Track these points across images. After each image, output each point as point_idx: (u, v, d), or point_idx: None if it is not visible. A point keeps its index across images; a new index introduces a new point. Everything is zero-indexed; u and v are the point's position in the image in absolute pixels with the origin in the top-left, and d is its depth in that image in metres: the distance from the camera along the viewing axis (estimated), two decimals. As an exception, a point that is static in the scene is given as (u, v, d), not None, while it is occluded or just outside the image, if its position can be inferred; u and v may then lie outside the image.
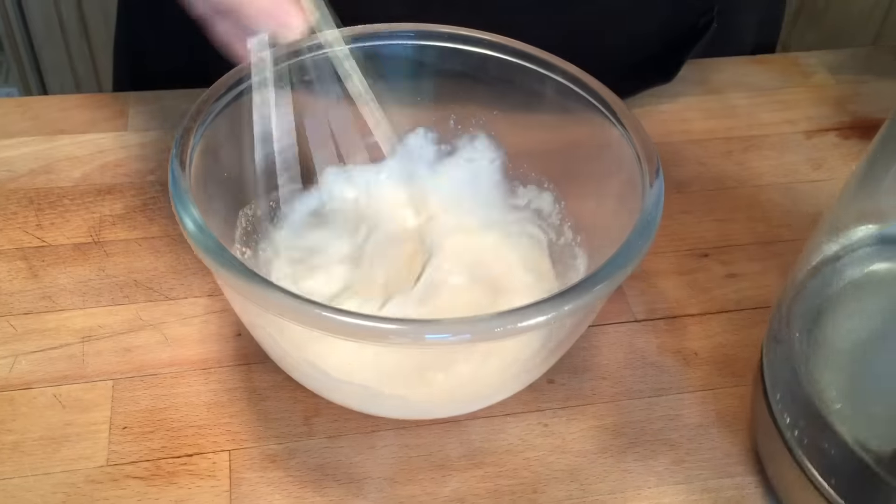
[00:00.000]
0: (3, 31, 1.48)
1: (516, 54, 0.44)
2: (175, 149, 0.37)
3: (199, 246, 0.34)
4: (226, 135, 0.41)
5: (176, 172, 0.36)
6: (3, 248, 0.48)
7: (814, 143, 0.59)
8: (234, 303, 0.38)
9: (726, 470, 0.41)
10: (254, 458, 0.40)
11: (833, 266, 0.38)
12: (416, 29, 0.44)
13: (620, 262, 0.36)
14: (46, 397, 0.42)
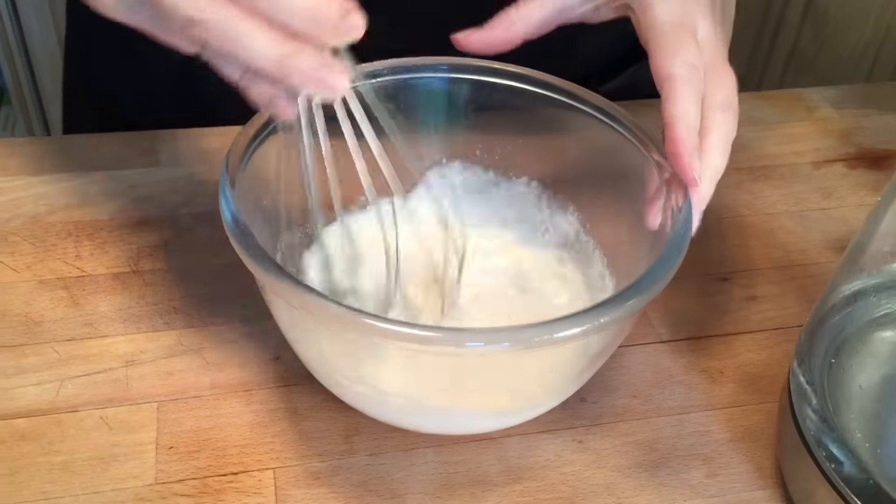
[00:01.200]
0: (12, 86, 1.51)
1: (543, 86, 0.46)
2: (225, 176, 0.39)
3: (258, 265, 0.35)
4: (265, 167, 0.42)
5: (229, 198, 0.38)
6: (44, 278, 0.49)
7: (822, 174, 0.61)
8: (285, 320, 0.40)
9: (758, 483, 0.42)
10: (298, 476, 0.41)
11: (854, 304, 0.40)
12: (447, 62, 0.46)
13: (653, 277, 0.37)
14: (93, 419, 0.43)
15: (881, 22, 1.62)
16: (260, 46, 0.34)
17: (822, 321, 0.40)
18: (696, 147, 0.39)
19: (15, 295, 0.48)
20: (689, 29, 0.41)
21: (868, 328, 0.39)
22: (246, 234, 0.37)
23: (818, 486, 0.38)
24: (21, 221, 0.52)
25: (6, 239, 0.51)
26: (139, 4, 0.36)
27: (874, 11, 1.61)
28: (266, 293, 0.39)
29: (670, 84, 0.39)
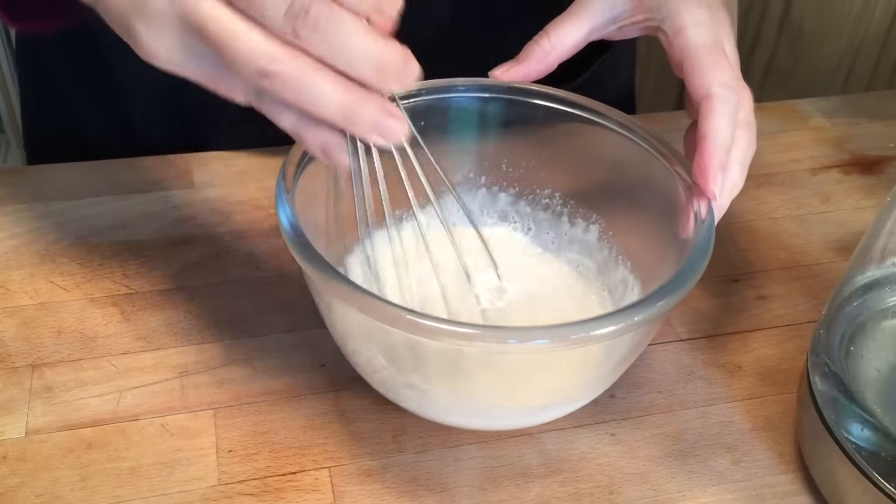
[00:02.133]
0: (4, 110, 1.52)
1: (565, 103, 0.49)
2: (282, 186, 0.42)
3: (322, 273, 0.38)
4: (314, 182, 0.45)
5: (287, 207, 0.41)
6: (95, 297, 0.51)
7: (819, 179, 0.64)
8: (342, 326, 0.42)
9: (780, 467, 0.45)
10: (352, 474, 0.44)
11: (866, 295, 0.43)
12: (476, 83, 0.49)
13: (682, 280, 0.40)
14: (154, 427, 0.45)
15: (854, 36, 1.68)
16: (328, 94, 0.34)
17: (837, 311, 0.43)
18: (724, 164, 0.42)
19: (68, 313, 0.50)
20: (721, 50, 0.44)
21: (881, 316, 0.43)
22: (306, 242, 0.39)
23: (840, 467, 0.41)
24: (67, 243, 0.54)
25: (54, 260, 0.53)
26: (200, 56, 0.36)
27: (847, 26, 1.66)
28: (322, 298, 0.42)
29: (709, 102, 0.43)
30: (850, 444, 0.41)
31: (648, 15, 0.47)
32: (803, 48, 1.70)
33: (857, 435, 0.40)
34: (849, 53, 1.70)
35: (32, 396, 0.46)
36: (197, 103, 0.61)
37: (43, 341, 0.49)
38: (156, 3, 0.35)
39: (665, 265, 0.45)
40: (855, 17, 1.64)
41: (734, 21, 0.51)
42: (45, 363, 0.47)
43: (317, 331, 0.50)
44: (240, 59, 0.34)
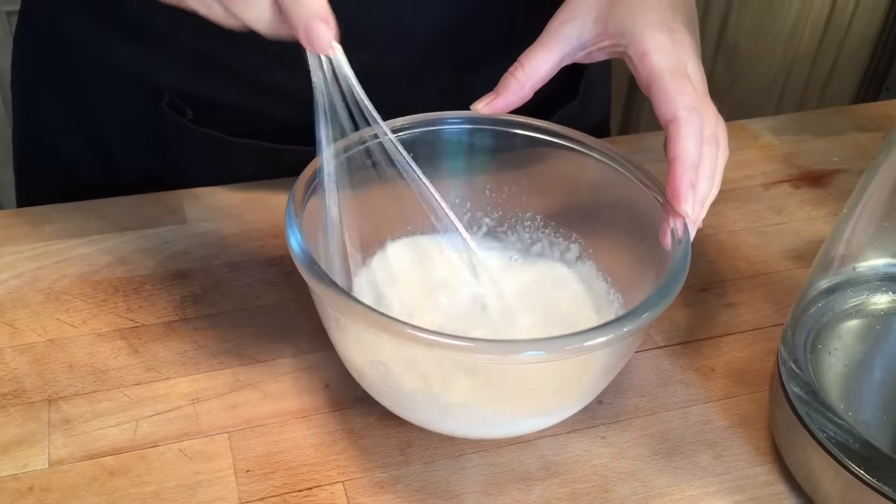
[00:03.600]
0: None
1: (543, 131, 0.53)
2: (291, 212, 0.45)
3: (337, 296, 0.41)
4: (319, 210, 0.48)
5: (297, 232, 0.44)
6: (102, 332, 0.53)
7: (772, 194, 0.69)
8: (353, 344, 0.45)
9: (757, 459, 0.49)
10: (365, 486, 0.46)
11: (827, 298, 0.48)
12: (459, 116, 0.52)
13: (664, 293, 0.44)
14: (173, 452, 0.47)
15: (787, 53, 1.76)
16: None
17: (802, 313, 0.47)
18: (693, 182, 0.46)
19: (78, 348, 0.52)
20: (684, 72, 0.48)
21: (843, 317, 0.47)
22: (316, 265, 0.42)
23: (813, 455, 0.45)
24: (70, 281, 0.56)
25: (59, 298, 0.55)
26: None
27: (780, 44, 1.75)
28: (331, 320, 0.45)
29: (675, 126, 0.47)
30: (821, 435, 0.45)
31: (613, 41, 0.51)
32: (739, 67, 1.77)
33: (828, 427, 0.44)
34: (782, 71, 1.79)
35: (52, 429, 0.48)
36: (172, 122, 0.64)
37: (56, 376, 0.50)
38: None
39: (644, 278, 0.49)
40: (787, 36, 1.73)
41: (696, 38, 0.55)
42: (60, 397, 0.49)
43: (318, 354, 0.53)
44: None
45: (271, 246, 0.60)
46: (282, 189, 0.65)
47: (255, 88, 0.63)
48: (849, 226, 0.45)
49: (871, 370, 0.47)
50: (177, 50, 0.62)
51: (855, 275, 0.47)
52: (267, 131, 0.65)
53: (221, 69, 0.62)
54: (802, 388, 0.46)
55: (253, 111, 0.64)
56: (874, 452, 0.43)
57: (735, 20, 1.70)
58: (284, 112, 0.64)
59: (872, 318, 0.48)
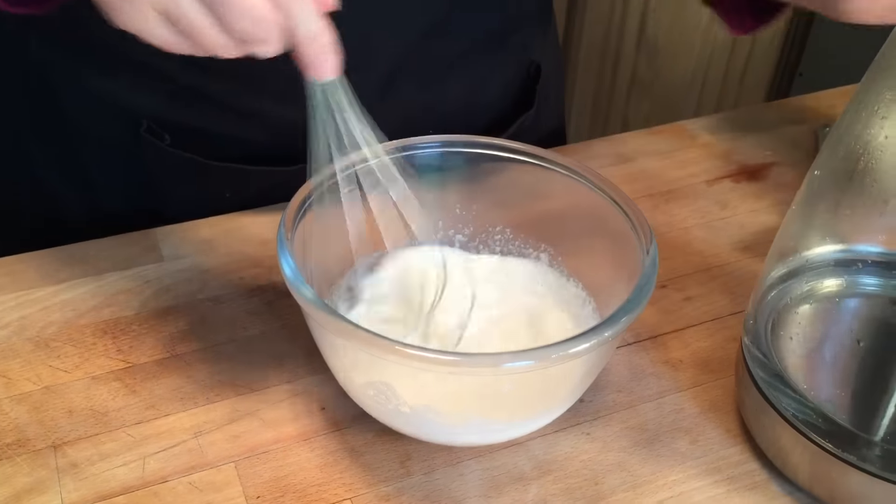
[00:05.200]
0: None
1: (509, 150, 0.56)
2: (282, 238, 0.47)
3: (330, 316, 0.43)
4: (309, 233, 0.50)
5: (288, 257, 0.46)
6: (96, 375, 0.55)
7: (715, 190, 0.74)
8: (349, 368, 0.47)
9: (729, 441, 0.53)
10: (372, 501, 0.49)
11: (783, 284, 0.52)
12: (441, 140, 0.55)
13: (637, 300, 0.47)
14: (183, 486, 0.49)
15: (705, 48, 1.83)
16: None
17: (761, 301, 0.51)
18: None
19: (74, 393, 0.53)
20: None
21: (798, 302, 0.51)
22: (308, 288, 0.45)
23: (782, 433, 0.49)
24: (56, 328, 0.57)
25: (48, 345, 0.56)
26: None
27: (698, 39, 1.82)
28: (326, 343, 0.47)
29: None
30: (788, 413, 0.49)
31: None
32: (660, 63, 1.84)
33: (793, 406, 0.48)
34: (702, 64, 1.86)
35: (61, 474, 0.49)
36: (151, 147, 0.65)
37: (57, 422, 0.52)
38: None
39: (615, 280, 0.53)
40: (703, 30, 1.80)
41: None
42: (64, 442, 0.51)
43: (311, 378, 0.55)
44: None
45: (250, 276, 0.62)
46: (253, 219, 0.67)
47: (231, 114, 0.65)
48: (797, 218, 0.49)
49: (827, 351, 0.51)
50: (152, 78, 0.63)
51: (807, 263, 0.51)
52: (243, 155, 0.66)
53: (198, 96, 0.64)
54: (767, 372, 0.50)
55: (230, 136, 0.66)
56: (836, 427, 0.47)
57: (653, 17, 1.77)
58: (259, 135, 0.66)
59: (826, 302, 0.52)
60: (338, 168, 0.50)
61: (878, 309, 0.51)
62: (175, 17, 0.42)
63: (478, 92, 0.72)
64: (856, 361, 0.50)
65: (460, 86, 0.63)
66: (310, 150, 0.49)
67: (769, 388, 0.50)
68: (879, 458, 0.46)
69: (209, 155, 0.66)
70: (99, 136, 0.68)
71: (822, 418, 0.47)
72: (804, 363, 0.50)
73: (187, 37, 0.43)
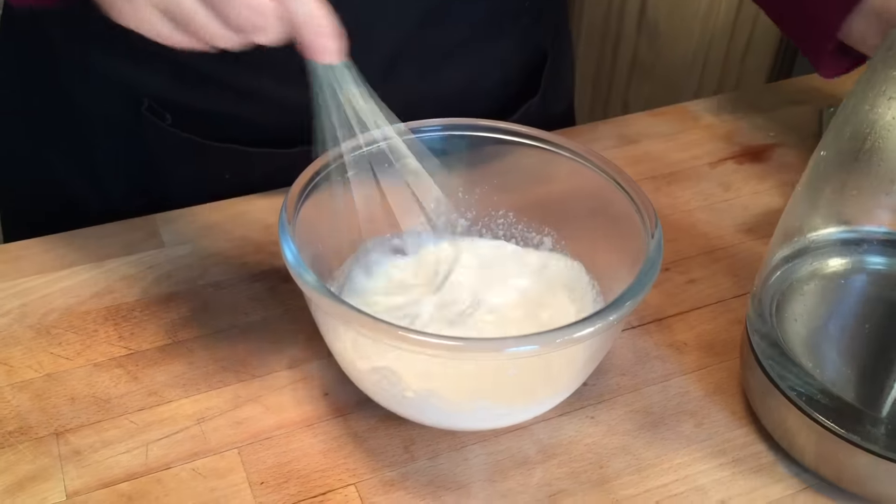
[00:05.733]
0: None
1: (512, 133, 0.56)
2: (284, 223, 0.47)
3: (333, 302, 0.43)
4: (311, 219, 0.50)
5: (290, 242, 0.46)
6: (98, 362, 0.54)
7: (718, 172, 0.73)
8: (353, 353, 0.47)
9: (734, 423, 0.53)
10: (376, 486, 0.49)
11: (787, 265, 0.52)
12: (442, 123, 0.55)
13: (641, 284, 0.47)
14: (186, 472, 0.49)
15: (706, 31, 1.82)
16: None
17: (766, 282, 0.51)
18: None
19: (76, 380, 0.53)
20: None
21: (802, 283, 0.51)
22: (310, 273, 0.44)
23: (787, 414, 0.49)
24: (58, 315, 0.57)
25: (49, 332, 0.56)
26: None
27: (698, 22, 1.81)
28: (330, 329, 0.47)
29: None
30: (793, 394, 0.48)
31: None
32: (661, 45, 1.83)
33: (798, 386, 0.48)
34: (702, 47, 1.85)
35: (64, 462, 0.49)
36: (152, 127, 0.65)
37: (59, 410, 0.51)
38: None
39: (619, 264, 0.53)
40: (704, 12, 1.79)
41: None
42: (67, 429, 0.50)
43: (314, 363, 0.55)
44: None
45: (252, 262, 0.62)
46: (256, 204, 0.67)
47: (232, 94, 0.65)
48: (803, 198, 0.49)
49: (832, 329, 0.51)
50: (155, 58, 0.63)
51: (812, 243, 0.51)
52: (244, 136, 0.66)
53: (199, 76, 0.63)
54: (772, 352, 0.50)
55: (231, 116, 0.66)
56: (842, 405, 0.47)
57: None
58: (260, 116, 0.65)
59: (831, 282, 0.52)
60: (344, 150, 0.50)
61: (883, 288, 0.51)
62: (173, 12, 0.41)
63: (480, 78, 0.72)
64: (861, 340, 0.50)
65: (461, 72, 0.63)
66: (316, 133, 0.48)
67: (774, 368, 0.49)
68: (884, 437, 0.46)
69: (210, 135, 0.66)
70: (101, 115, 0.68)
71: (828, 397, 0.47)
72: (809, 343, 0.50)
73: (186, 31, 0.42)
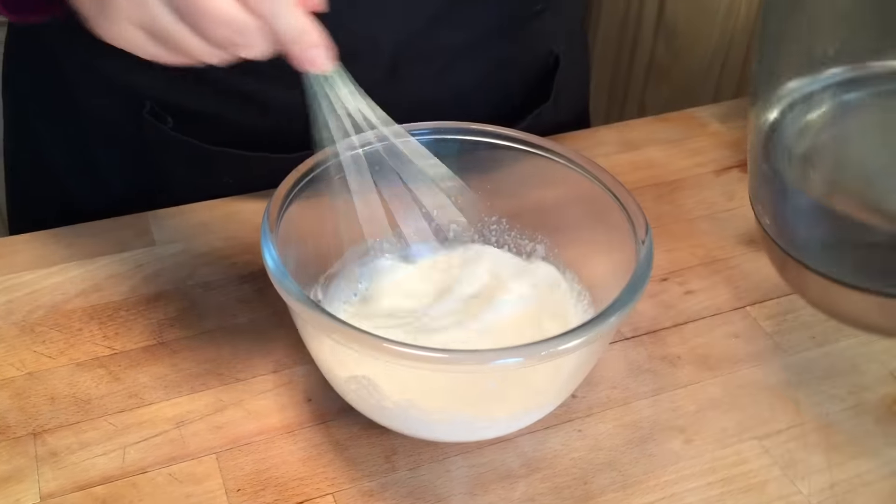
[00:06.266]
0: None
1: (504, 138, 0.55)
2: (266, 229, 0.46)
3: (310, 310, 0.42)
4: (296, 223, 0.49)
5: (272, 248, 0.45)
6: (81, 361, 0.54)
7: (723, 180, 0.72)
8: (332, 361, 0.46)
9: (725, 441, 0.52)
10: (354, 496, 0.48)
11: (803, 104, 0.50)
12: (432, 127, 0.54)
13: (629, 295, 0.46)
14: (163, 476, 0.48)
15: (725, 32, 1.80)
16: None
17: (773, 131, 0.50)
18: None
19: (58, 379, 0.53)
20: None
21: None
22: (291, 281, 0.44)
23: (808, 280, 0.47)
24: (43, 312, 0.57)
25: (34, 330, 0.55)
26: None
27: (718, 23, 1.78)
28: (308, 334, 0.46)
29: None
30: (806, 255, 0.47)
31: None
32: (678, 47, 1.81)
33: (812, 239, 0.47)
34: (721, 49, 1.82)
35: (40, 463, 0.48)
36: (153, 130, 0.65)
37: (39, 409, 0.51)
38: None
39: (610, 274, 0.51)
40: (723, 14, 1.76)
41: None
42: (44, 430, 0.50)
43: (298, 368, 0.54)
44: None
45: (242, 263, 0.61)
46: (249, 204, 0.66)
47: (233, 98, 0.64)
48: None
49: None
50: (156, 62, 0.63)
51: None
52: (244, 140, 0.66)
53: (200, 80, 0.63)
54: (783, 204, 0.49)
55: (232, 120, 0.65)
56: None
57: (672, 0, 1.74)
58: (261, 121, 0.65)
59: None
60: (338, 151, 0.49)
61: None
62: (152, 29, 0.41)
63: (489, 82, 0.70)
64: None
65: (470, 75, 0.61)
66: (314, 139, 0.48)
67: (783, 237, 0.48)
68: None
69: (211, 139, 0.65)
70: (103, 117, 0.67)
71: (843, 244, 0.46)
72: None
73: (170, 48, 0.42)
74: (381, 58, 0.64)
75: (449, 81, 0.58)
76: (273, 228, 0.47)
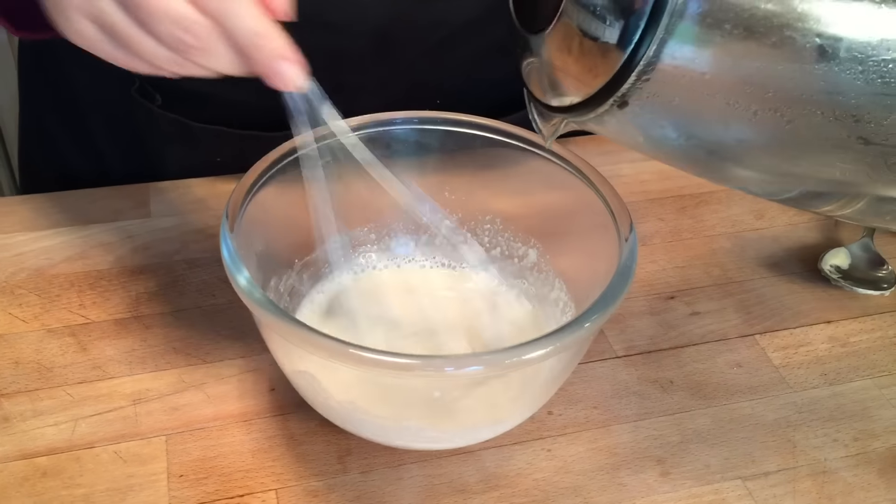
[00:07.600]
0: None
1: (502, 133, 0.52)
2: (226, 219, 0.44)
3: (252, 300, 0.40)
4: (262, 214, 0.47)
5: (228, 238, 0.43)
6: (52, 327, 0.53)
7: (753, 197, 0.67)
8: (280, 354, 0.44)
9: (706, 478, 0.48)
10: (298, 495, 0.46)
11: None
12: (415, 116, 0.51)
13: (605, 303, 0.43)
14: (108, 454, 0.47)
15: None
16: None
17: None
18: None
19: (26, 344, 0.52)
20: None
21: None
22: (244, 274, 0.42)
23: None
24: (26, 275, 0.56)
25: (13, 292, 0.55)
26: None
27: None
28: (262, 328, 0.44)
29: None
30: None
31: None
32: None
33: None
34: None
35: (-9, 427, 0.48)
36: (142, 109, 0.64)
37: (1, 372, 0.50)
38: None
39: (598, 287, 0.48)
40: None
41: None
42: (2, 394, 0.49)
43: (267, 356, 0.52)
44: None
45: (232, 242, 0.60)
46: (250, 183, 0.65)
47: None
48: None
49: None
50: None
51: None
52: (233, 118, 0.64)
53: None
54: None
55: (220, 98, 0.64)
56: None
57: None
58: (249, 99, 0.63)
59: None
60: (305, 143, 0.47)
61: None
62: (103, 24, 0.39)
63: (486, 65, 0.67)
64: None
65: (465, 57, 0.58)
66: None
67: None
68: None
69: (199, 117, 0.64)
70: (96, 96, 0.67)
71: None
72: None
73: (126, 50, 0.40)
74: (367, 26, 0.61)
75: (446, 63, 0.54)
76: (232, 228, 0.45)
